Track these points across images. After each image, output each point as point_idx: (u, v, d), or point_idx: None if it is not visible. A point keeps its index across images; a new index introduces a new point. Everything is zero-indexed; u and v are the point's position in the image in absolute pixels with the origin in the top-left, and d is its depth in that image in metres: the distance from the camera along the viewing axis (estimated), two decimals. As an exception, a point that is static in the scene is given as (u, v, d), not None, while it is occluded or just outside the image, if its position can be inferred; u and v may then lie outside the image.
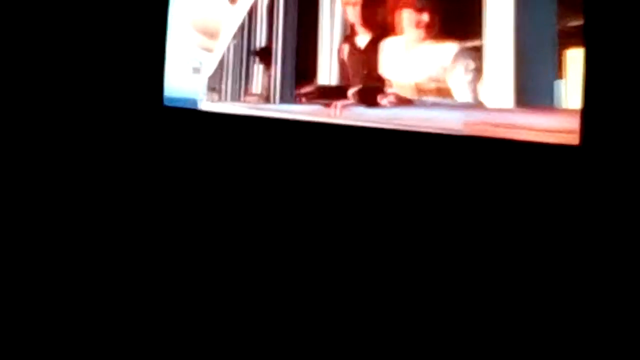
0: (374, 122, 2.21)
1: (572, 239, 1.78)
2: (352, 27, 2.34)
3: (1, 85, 2.64)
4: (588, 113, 1.69)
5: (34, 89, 2.66)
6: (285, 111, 2.52)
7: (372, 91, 2.29)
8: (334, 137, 2.36)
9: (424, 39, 2.13)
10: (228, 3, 2.79)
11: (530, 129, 1.82)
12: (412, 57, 2.18)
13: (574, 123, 1.70)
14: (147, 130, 2.73)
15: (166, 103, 2.84)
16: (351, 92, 2.36)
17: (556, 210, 1.82)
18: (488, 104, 1.90)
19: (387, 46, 2.21)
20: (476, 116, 1.89)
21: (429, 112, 2.02)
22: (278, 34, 2.58)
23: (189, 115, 2.82)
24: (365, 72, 2.28)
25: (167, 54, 2.83)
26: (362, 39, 2.30)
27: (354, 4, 2.29)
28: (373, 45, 2.25)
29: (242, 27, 2.80)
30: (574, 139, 1.71)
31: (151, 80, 2.71)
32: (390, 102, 2.25)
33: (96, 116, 2.69)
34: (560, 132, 1.75)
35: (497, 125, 1.81)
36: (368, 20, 2.27)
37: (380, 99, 2.26)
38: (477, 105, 1.93)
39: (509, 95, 1.81)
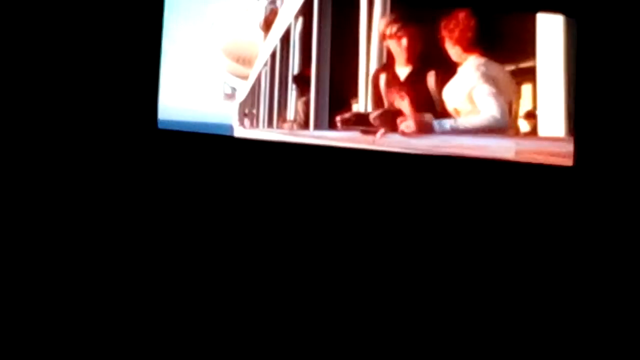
0: (417, 149, 2.21)
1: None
2: (391, 58, 2.33)
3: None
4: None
5: (49, 107, 2.65)
6: (322, 137, 2.52)
7: (392, 115, 2.31)
8: (372, 164, 2.36)
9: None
10: (261, 30, 2.81)
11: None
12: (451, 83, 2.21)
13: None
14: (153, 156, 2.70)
15: (195, 129, 2.83)
16: (373, 115, 2.37)
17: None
18: (540, 131, 1.90)
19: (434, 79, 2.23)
20: (528, 145, 1.89)
21: (480, 141, 2.02)
22: (312, 60, 2.59)
23: (223, 141, 2.81)
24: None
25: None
26: (403, 70, 2.30)
27: (398, 38, 2.29)
28: (415, 77, 2.25)
29: (274, 54, 2.81)
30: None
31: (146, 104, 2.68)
32: (407, 127, 2.27)
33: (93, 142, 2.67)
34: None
35: (551, 154, 1.81)
36: (411, 53, 2.28)
37: (400, 123, 2.29)
38: (530, 134, 1.94)
39: (560, 123, 1.81)
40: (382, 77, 2.38)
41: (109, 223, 2.58)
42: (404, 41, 2.28)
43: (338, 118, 2.43)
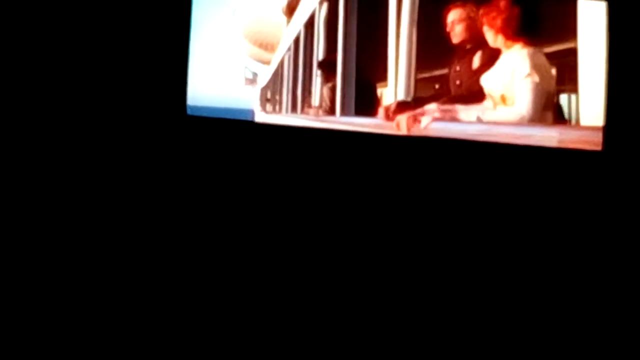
0: (458, 136, 2.23)
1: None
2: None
3: (24, 94, 2.60)
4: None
5: (67, 99, 2.64)
6: (349, 124, 2.53)
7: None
8: (405, 151, 2.38)
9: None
10: (283, 15, 2.80)
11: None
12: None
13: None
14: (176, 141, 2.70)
15: (218, 114, 2.83)
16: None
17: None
18: (583, 120, 1.93)
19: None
20: (571, 134, 1.92)
21: (523, 130, 2.05)
22: (338, 45, 2.59)
23: (244, 126, 2.82)
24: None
25: (190, 62, 2.77)
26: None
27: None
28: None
29: (297, 39, 2.81)
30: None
31: (174, 89, 2.68)
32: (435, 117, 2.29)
33: (123, 127, 2.67)
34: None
35: (593, 144, 1.85)
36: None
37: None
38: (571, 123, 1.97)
39: (599, 113, 1.84)
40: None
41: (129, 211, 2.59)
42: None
43: (381, 109, 2.43)
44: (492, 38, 2.22)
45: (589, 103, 1.97)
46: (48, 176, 2.59)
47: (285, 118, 2.78)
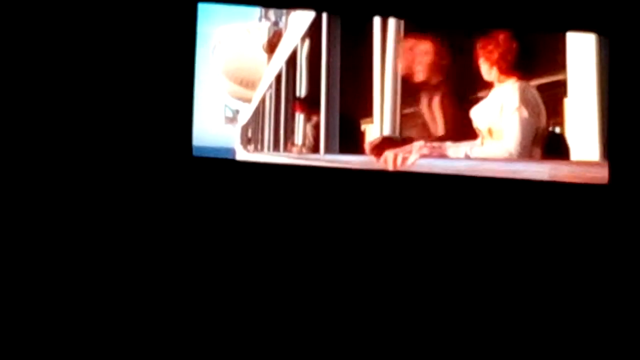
0: (446, 172, 2.18)
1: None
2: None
3: (32, 133, 2.52)
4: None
5: (60, 137, 2.56)
6: (334, 162, 2.47)
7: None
8: (392, 187, 2.32)
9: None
10: (264, 52, 2.75)
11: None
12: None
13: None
14: (179, 181, 2.63)
15: (197, 153, 2.75)
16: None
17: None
18: (573, 155, 1.89)
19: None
20: (563, 170, 1.88)
21: (513, 165, 2.00)
22: (322, 82, 2.54)
23: (223, 165, 2.73)
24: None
25: (195, 103, 2.74)
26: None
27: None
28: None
29: (279, 76, 2.75)
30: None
31: (179, 130, 2.61)
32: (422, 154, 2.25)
33: (125, 167, 2.59)
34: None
35: (586, 179, 1.81)
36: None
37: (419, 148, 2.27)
38: (564, 158, 1.93)
39: (594, 146, 1.80)
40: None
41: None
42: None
43: (367, 144, 2.37)
44: (487, 71, 2.18)
45: (579, 136, 1.93)
46: (53, 219, 2.49)
47: (267, 156, 2.71)
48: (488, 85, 2.19)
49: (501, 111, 2.20)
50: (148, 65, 2.49)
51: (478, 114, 2.25)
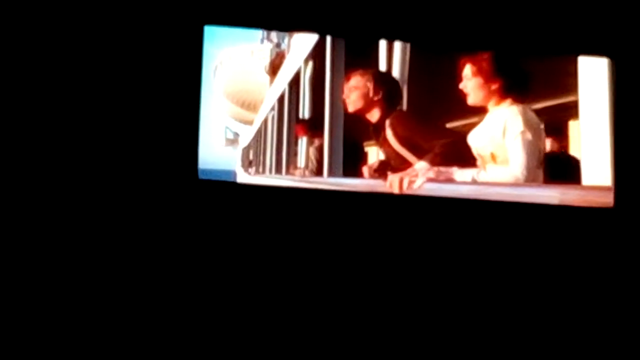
0: (453, 195, 2.17)
1: None
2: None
3: (41, 154, 2.49)
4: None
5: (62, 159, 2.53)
6: (338, 185, 2.44)
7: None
8: (398, 210, 2.30)
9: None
10: (266, 74, 2.73)
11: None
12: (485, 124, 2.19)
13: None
14: (182, 203, 2.59)
15: (201, 176, 2.72)
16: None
17: None
18: (585, 179, 1.88)
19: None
20: (573, 195, 1.87)
21: (522, 190, 1.99)
22: (325, 105, 2.52)
23: (225, 188, 2.70)
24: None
25: (200, 126, 2.71)
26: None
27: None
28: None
29: (282, 98, 2.74)
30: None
31: (185, 153, 2.58)
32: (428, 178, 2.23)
33: (130, 190, 2.55)
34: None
35: (596, 204, 1.80)
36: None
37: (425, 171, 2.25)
38: (575, 183, 1.92)
39: (606, 172, 1.79)
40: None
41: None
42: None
43: (365, 168, 2.36)
44: (476, 95, 2.18)
45: (591, 161, 1.92)
46: (58, 240, 2.44)
47: (270, 179, 2.68)
48: (476, 110, 2.18)
49: (504, 135, 2.18)
50: (154, 86, 2.47)
51: (477, 139, 2.23)
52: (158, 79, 2.46)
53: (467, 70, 2.23)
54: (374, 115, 2.36)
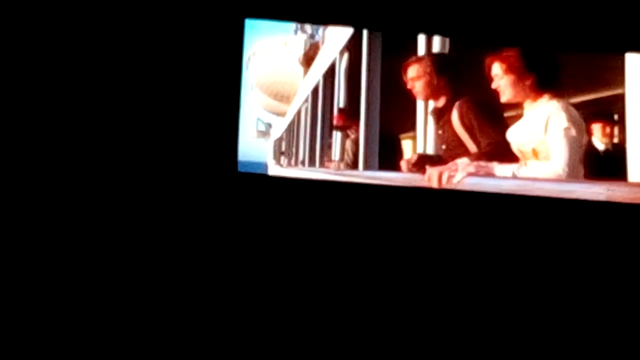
0: (493, 190, 2.14)
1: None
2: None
3: (79, 146, 2.47)
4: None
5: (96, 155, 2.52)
6: (375, 178, 2.41)
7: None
8: (436, 205, 2.28)
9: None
10: (300, 65, 2.71)
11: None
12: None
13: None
14: (222, 196, 2.57)
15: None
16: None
17: None
18: (630, 176, 1.86)
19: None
20: (619, 191, 1.85)
21: (567, 186, 1.97)
22: (362, 97, 2.49)
23: (256, 180, 2.68)
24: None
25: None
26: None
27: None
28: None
29: (316, 90, 2.71)
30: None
31: (224, 145, 2.57)
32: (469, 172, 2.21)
33: (169, 182, 2.54)
34: None
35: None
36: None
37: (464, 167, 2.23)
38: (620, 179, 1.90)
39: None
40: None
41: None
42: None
43: (403, 162, 2.33)
44: (512, 91, 2.16)
45: (637, 157, 1.90)
46: (96, 228, 2.44)
47: (303, 172, 2.65)
48: (512, 106, 2.16)
49: (546, 131, 2.16)
50: (195, 79, 2.45)
51: (517, 135, 2.21)
52: (199, 72, 2.44)
53: (497, 69, 2.21)
54: (440, 101, 2.33)
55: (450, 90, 2.31)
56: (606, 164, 2.11)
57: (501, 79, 2.20)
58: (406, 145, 2.46)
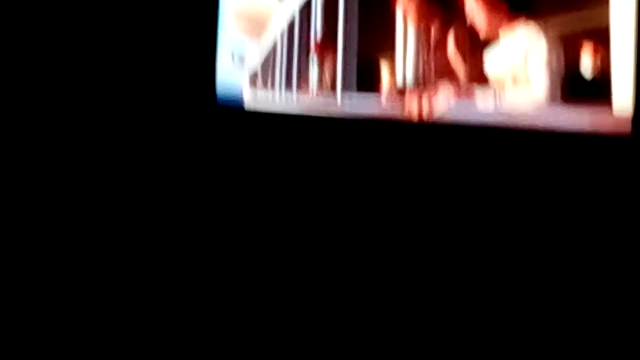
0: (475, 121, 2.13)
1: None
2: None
3: (54, 83, 2.47)
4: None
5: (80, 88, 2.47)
6: (354, 110, 2.38)
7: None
8: (417, 136, 2.25)
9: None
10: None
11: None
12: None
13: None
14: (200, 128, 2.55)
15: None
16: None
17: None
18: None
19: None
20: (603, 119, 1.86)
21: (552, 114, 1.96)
22: (339, 19, 2.44)
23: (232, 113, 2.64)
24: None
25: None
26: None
27: None
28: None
29: (292, 18, 2.64)
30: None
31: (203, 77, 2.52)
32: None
33: (150, 116, 2.51)
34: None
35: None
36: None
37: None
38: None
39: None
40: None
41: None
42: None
43: (382, 96, 2.29)
44: (485, 17, 2.12)
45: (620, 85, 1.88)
46: (75, 168, 2.50)
47: (280, 104, 2.61)
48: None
49: (525, 56, 2.12)
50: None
51: (495, 62, 2.17)
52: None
53: (471, 2, 2.16)
54: (434, 24, 2.26)
55: (442, 15, 2.25)
56: (589, 88, 2.08)
57: (477, 13, 2.16)
58: (389, 67, 2.41)
